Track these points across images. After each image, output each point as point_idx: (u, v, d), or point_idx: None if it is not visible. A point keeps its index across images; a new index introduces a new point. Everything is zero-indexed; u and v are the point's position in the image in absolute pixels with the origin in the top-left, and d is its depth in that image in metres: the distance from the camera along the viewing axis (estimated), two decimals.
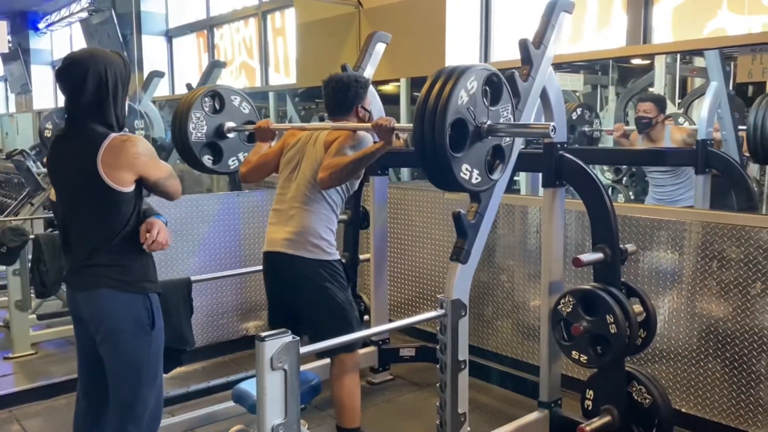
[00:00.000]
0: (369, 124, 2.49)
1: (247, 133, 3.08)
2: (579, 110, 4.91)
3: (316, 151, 2.62)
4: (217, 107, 3.02)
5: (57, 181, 2.09)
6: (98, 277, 2.00)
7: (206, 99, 2.97)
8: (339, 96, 2.70)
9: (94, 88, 1.97)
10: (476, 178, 2.04)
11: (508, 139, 2.12)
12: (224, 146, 3.05)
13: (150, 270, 2.09)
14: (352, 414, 2.64)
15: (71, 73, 1.99)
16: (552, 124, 1.99)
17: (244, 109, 3.10)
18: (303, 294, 2.59)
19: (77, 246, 2.05)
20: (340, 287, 2.61)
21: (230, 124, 3.03)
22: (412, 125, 2.01)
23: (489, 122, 2.01)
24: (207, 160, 3.02)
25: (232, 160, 3.09)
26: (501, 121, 2.07)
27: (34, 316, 4.38)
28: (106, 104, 1.99)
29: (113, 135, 1.96)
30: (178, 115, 2.95)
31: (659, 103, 4.09)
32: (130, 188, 2.00)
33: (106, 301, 2.00)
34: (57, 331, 4.33)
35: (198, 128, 2.93)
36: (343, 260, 3.57)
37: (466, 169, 2.00)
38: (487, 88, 2.02)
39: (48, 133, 4.95)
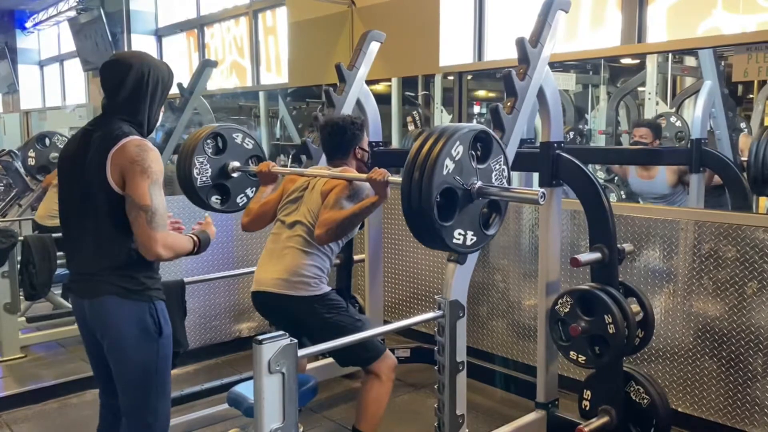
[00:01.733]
0: (364, 176, 2.47)
1: (249, 174, 3.05)
2: (570, 134, 4.94)
3: (313, 198, 2.60)
4: (220, 147, 3.00)
5: (66, 179, 2.04)
6: (102, 284, 1.95)
7: (208, 141, 2.95)
8: (336, 140, 2.72)
9: (133, 86, 1.97)
10: (471, 239, 2.00)
11: None
12: (231, 185, 3.01)
13: (155, 277, 2.04)
14: (372, 420, 2.59)
15: (115, 67, 1.99)
16: (541, 191, 1.94)
17: (247, 144, 3.07)
18: (307, 333, 2.55)
19: (80, 249, 2.01)
20: (340, 312, 2.56)
21: (234, 164, 3.00)
22: None
23: (479, 184, 1.97)
24: (215, 201, 2.99)
25: (240, 197, 3.06)
26: (493, 175, 2.02)
27: (23, 318, 4.31)
28: (141, 104, 1.99)
29: (132, 137, 1.92)
30: (182, 160, 2.93)
31: (655, 129, 4.09)
32: None
33: (112, 310, 1.96)
34: (47, 333, 4.28)
35: (202, 172, 2.91)
36: (338, 261, 3.58)
37: (459, 234, 1.97)
38: (478, 145, 1.99)
39: (32, 162, 4.90)
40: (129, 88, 1.97)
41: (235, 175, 3.02)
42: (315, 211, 2.57)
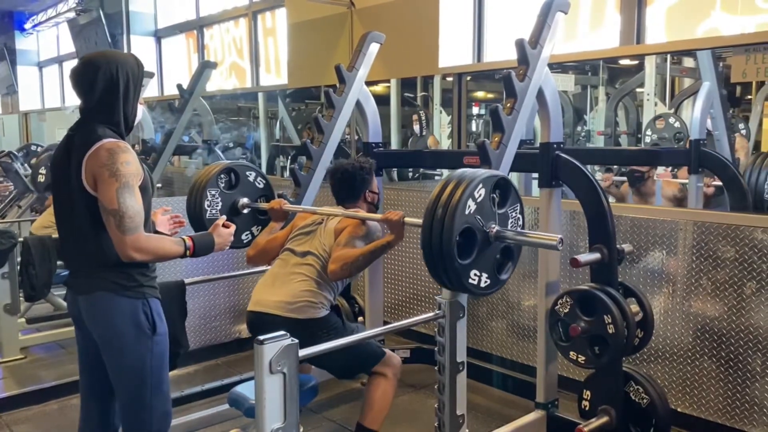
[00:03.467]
0: (380, 216, 2.52)
1: (259, 211, 3.08)
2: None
3: (325, 234, 2.62)
4: (233, 183, 3.05)
5: (55, 181, 2.06)
6: (97, 279, 1.96)
7: (222, 175, 3.00)
8: (346, 186, 2.77)
9: (104, 88, 1.96)
10: (485, 282, 2.07)
11: None
12: (238, 222, 3.01)
13: (148, 275, 2.04)
14: (378, 416, 2.61)
15: (82, 72, 1.98)
16: (559, 236, 2.02)
17: (259, 184, 3.13)
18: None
19: (74, 248, 2.02)
20: (339, 332, 2.54)
21: (244, 201, 3.05)
22: (421, 220, 2.06)
23: (497, 228, 2.05)
24: None
25: (245, 235, 3.09)
26: (509, 222, 2.11)
27: (23, 319, 4.32)
28: (115, 104, 1.98)
29: (105, 140, 1.91)
30: (194, 191, 2.98)
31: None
32: None
33: (105, 305, 1.96)
34: (47, 335, 4.29)
35: (213, 205, 2.96)
36: None
37: (475, 275, 2.03)
38: (497, 191, 2.08)
39: (41, 179, 4.90)
40: (100, 90, 1.96)
41: (245, 211, 3.06)
42: (328, 246, 2.58)
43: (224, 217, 2.23)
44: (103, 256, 1.94)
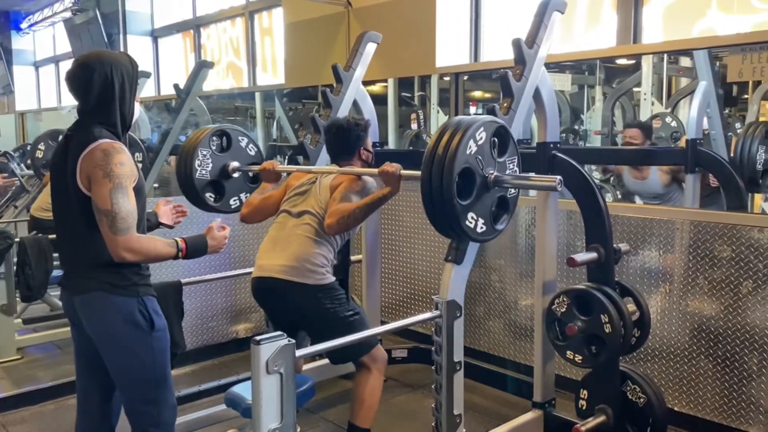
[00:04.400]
0: (375, 171, 2.50)
1: (251, 174, 3.07)
2: (563, 136, 4.96)
3: (321, 192, 2.62)
4: (224, 146, 3.03)
5: (53, 182, 2.06)
6: (90, 280, 1.97)
7: (214, 137, 2.99)
8: (341, 141, 2.75)
9: (100, 90, 1.97)
10: (481, 227, 2.08)
11: (513, 190, 2.18)
12: (227, 186, 3.04)
13: (142, 273, 2.04)
14: (368, 413, 2.62)
15: (78, 74, 1.99)
16: (558, 177, 2.05)
17: (251, 150, 3.11)
18: (306, 321, 2.58)
19: (69, 248, 2.04)
20: (341, 303, 2.58)
21: (235, 164, 3.03)
22: (419, 172, 2.04)
23: (495, 173, 2.07)
24: (208, 197, 3.02)
25: (234, 200, 3.08)
26: (507, 172, 2.13)
27: (19, 320, 4.31)
28: (112, 105, 1.99)
29: (101, 141, 1.92)
30: (185, 151, 2.96)
31: (645, 129, 4.11)
32: None
33: (99, 305, 1.97)
34: (43, 335, 4.28)
35: (203, 165, 2.94)
36: (334, 261, 3.58)
37: (472, 218, 2.04)
38: (495, 140, 2.09)
39: (40, 154, 4.88)
40: (96, 92, 1.97)
41: (234, 175, 3.03)
42: (323, 203, 2.58)
43: (219, 219, 2.20)
44: (97, 256, 1.95)
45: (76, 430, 2.19)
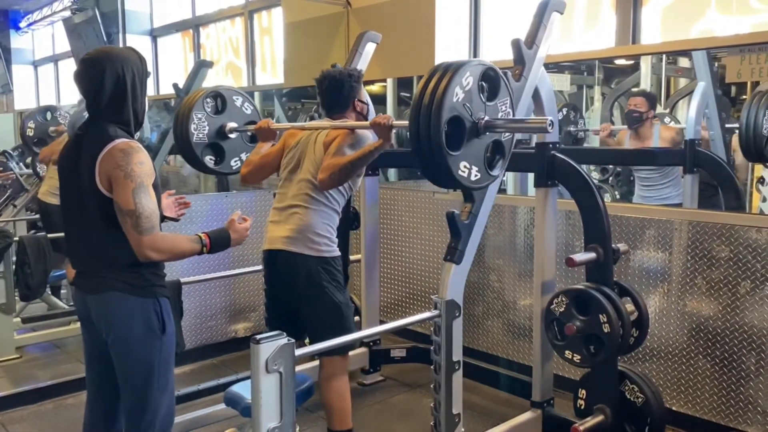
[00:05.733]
0: (367, 123, 2.48)
1: (249, 133, 3.06)
2: (564, 110, 4.94)
3: (316, 150, 2.61)
4: (219, 108, 3.02)
5: (64, 181, 2.05)
6: (108, 279, 1.96)
7: (208, 100, 2.98)
8: (335, 93, 2.69)
9: (112, 87, 1.96)
10: (475, 175, 2.03)
11: (507, 133, 2.11)
12: (226, 147, 3.04)
13: (159, 274, 2.04)
14: (342, 416, 2.62)
15: (88, 74, 1.97)
16: (549, 118, 1.99)
17: (246, 109, 3.10)
18: (301, 292, 2.57)
19: (83, 247, 2.02)
20: (338, 287, 2.59)
21: (232, 125, 3.02)
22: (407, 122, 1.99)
23: (486, 118, 1.99)
24: (209, 160, 3.02)
25: (235, 161, 3.08)
26: (499, 115, 2.05)
27: (18, 319, 4.30)
28: (124, 102, 1.98)
29: (118, 141, 1.91)
30: (180, 116, 2.95)
31: (650, 98, 4.12)
32: None
33: (116, 305, 1.96)
34: (42, 334, 4.28)
35: (200, 129, 2.93)
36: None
37: (465, 167, 1.99)
38: (484, 84, 2.01)
39: (30, 132, 4.84)
40: (109, 91, 1.95)
41: (232, 136, 3.03)
42: (318, 162, 2.56)
43: (239, 212, 2.20)
44: (115, 256, 1.94)
45: (85, 424, 2.19)
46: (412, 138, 1.95)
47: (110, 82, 1.95)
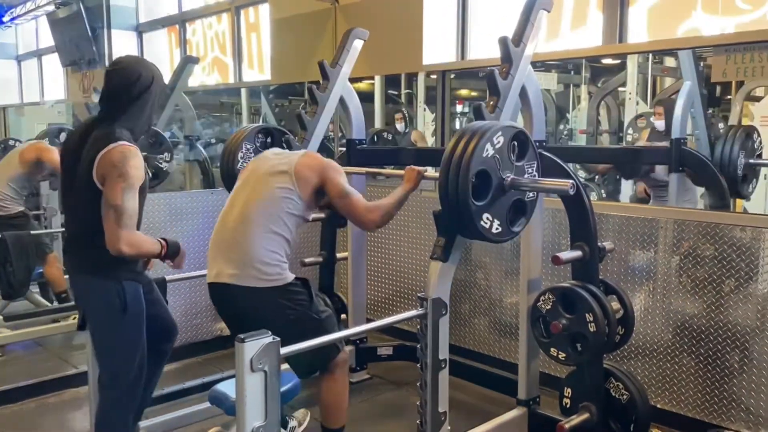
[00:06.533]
0: (402, 172, 2.60)
1: None
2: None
3: (273, 178, 2.42)
4: (268, 144, 3.17)
5: (66, 166, 2.26)
6: (80, 260, 2.25)
7: (260, 134, 3.16)
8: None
9: (139, 94, 2.19)
10: (497, 228, 2.15)
11: (531, 194, 2.23)
12: None
13: (126, 260, 2.19)
14: (338, 414, 2.58)
15: (121, 74, 2.19)
16: (571, 182, 2.15)
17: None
18: (268, 327, 2.40)
19: (70, 231, 2.31)
20: (303, 305, 2.40)
21: None
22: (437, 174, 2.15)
23: (512, 176, 2.14)
24: None
25: None
26: (525, 176, 2.20)
27: (0, 317, 4.24)
28: (142, 111, 2.22)
29: (120, 143, 2.10)
30: (231, 143, 3.13)
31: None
32: None
33: (84, 285, 2.26)
34: (24, 332, 4.20)
35: (245, 158, 3.06)
36: (320, 259, 3.56)
37: (487, 218, 2.11)
38: (515, 144, 2.17)
39: None
40: (135, 96, 2.18)
41: None
42: (287, 186, 2.38)
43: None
44: (93, 240, 2.13)
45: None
46: (440, 186, 2.10)
47: (138, 88, 2.17)
